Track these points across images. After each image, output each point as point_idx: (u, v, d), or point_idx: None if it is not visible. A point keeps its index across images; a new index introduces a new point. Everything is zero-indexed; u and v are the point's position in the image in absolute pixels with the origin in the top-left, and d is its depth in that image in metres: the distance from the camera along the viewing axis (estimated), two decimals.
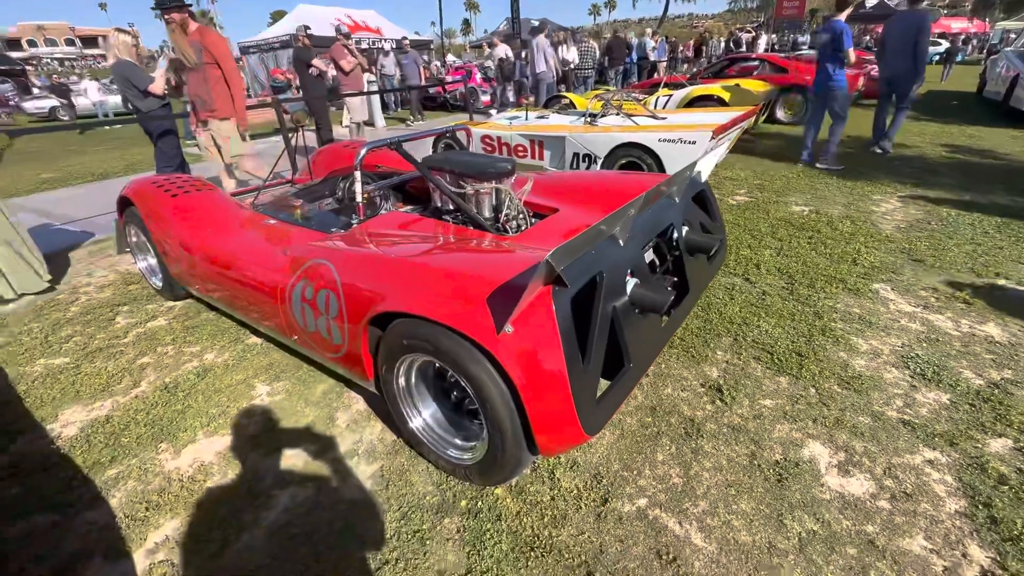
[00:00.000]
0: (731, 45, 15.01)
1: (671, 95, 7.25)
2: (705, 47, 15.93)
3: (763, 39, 16.77)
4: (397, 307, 1.49)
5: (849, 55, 4.86)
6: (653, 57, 13.47)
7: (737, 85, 7.12)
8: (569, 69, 10.71)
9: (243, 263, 2.23)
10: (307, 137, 5.53)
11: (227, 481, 1.73)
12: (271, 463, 1.80)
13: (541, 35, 9.02)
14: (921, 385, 2.03)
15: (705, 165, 2.32)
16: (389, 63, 11.50)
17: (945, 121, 7.86)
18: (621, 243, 1.58)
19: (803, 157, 5.51)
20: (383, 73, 11.31)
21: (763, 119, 7.94)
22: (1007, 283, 2.78)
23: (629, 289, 1.56)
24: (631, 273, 1.60)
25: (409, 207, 2.71)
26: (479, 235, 2.00)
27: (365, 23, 16.47)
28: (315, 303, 1.80)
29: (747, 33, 15.65)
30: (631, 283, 1.58)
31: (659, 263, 2.04)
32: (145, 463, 1.83)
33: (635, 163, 4.41)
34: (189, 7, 3.79)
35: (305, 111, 8.15)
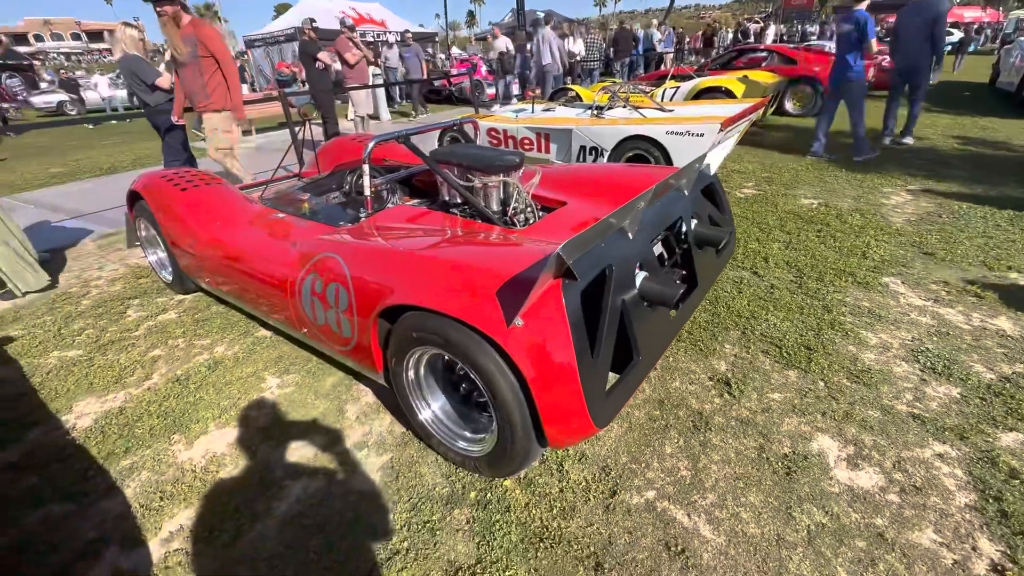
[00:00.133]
0: (739, 36, 14.85)
1: (678, 87, 7.19)
2: (716, 38, 15.61)
3: (772, 29, 16.58)
4: (407, 300, 1.50)
5: (872, 45, 4.77)
6: (660, 48, 13.33)
7: (745, 76, 7.05)
8: (575, 61, 10.62)
9: (252, 257, 2.24)
10: (314, 131, 5.54)
11: (239, 472, 1.76)
12: (282, 454, 1.82)
13: (547, 27, 8.94)
14: (931, 379, 2.02)
15: (714, 158, 2.31)
16: (393, 56, 11.47)
17: (957, 112, 7.74)
18: (630, 236, 1.58)
19: (813, 148, 5.43)
20: (387, 66, 11.27)
21: (771, 111, 7.86)
22: (1019, 276, 2.76)
23: (638, 282, 1.55)
24: (640, 266, 1.60)
25: (415, 201, 2.72)
26: (487, 228, 2.00)
27: (369, 15, 16.39)
28: (324, 296, 1.81)
29: (755, 23, 15.48)
30: (640, 276, 1.58)
31: (668, 256, 2.03)
32: (159, 454, 1.86)
33: (642, 156, 4.39)
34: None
35: (312, 104, 8.14)
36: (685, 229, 1.97)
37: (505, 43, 10.89)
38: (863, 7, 4.74)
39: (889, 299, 2.61)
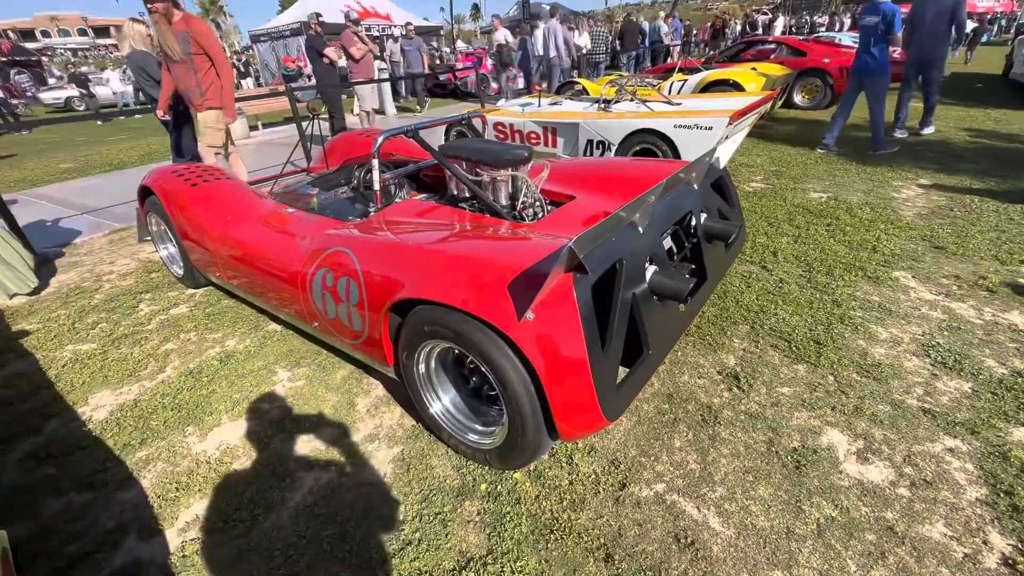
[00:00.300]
0: (747, 27, 14.67)
1: (686, 80, 7.13)
2: (727, 30, 15.36)
3: (780, 21, 16.37)
4: (418, 294, 1.51)
5: (898, 39, 4.71)
6: (668, 41, 13.21)
7: (754, 69, 6.98)
8: (581, 54, 10.55)
9: (263, 251, 2.26)
10: (321, 126, 5.55)
11: (252, 463, 1.78)
12: (294, 446, 1.84)
13: (554, 19, 8.88)
14: (942, 373, 2.01)
15: (724, 152, 2.30)
16: (399, 50, 11.43)
17: (969, 105, 7.63)
18: (640, 230, 1.58)
19: (825, 140, 5.35)
20: (392, 60, 11.24)
21: (780, 104, 7.78)
22: None
23: (648, 276, 1.56)
24: (650, 260, 1.60)
25: (423, 195, 2.72)
26: (496, 223, 2.00)
27: (374, 9, 16.36)
28: (336, 291, 1.82)
29: (764, 15, 15.29)
30: (650, 270, 1.58)
31: (677, 250, 2.03)
32: (174, 445, 1.89)
33: (650, 149, 4.36)
34: None
35: (320, 99, 8.15)
36: (695, 223, 1.97)
37: (504, 35, 10.80)
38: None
39: (899, 293, 2.59)
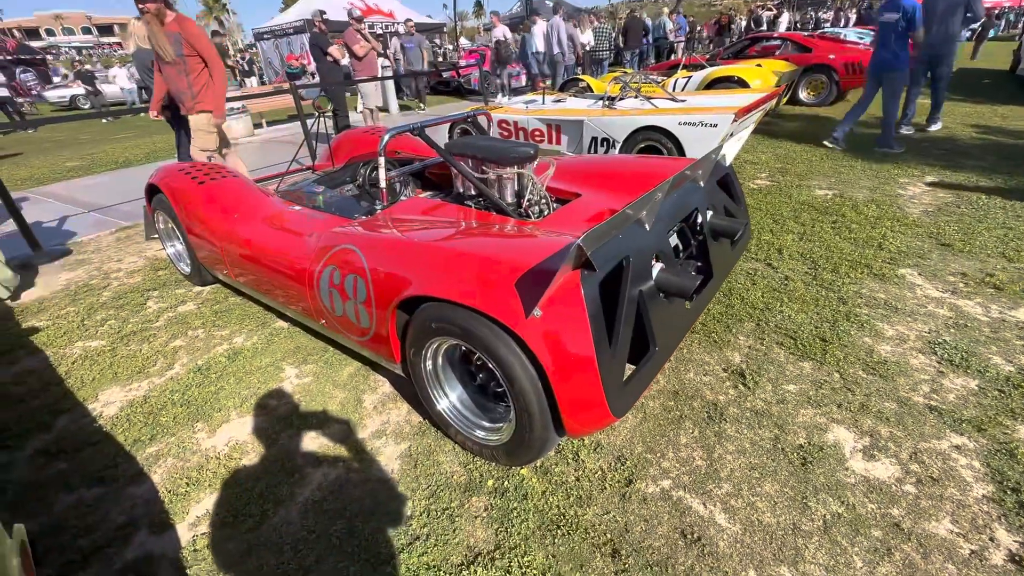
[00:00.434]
0: (752, 24, 14.59)
1: (690, 77, 7.10)
2: (732, 26, 15.21)
3: (785, 17, 16.27)
4: (425, 291, 1.52)
5: (920, 36, 4.66)
6: (672, 37, 13.14)
7: (759, 65, 6.94)
8: (585, 51, 10.51)
9: (270, 249, 2.28)
10: (326, 124, 5.56)
11: (261, 459, 1.80)
12: (302, 442, 1.86)
13: (557, 15, 8.85)
14: (948, 371, 2.01)
15: (730, 149, 2.29)
16: (400, 47, 11.40)
17: (976, 101, 7.57)
18: (647, 228, 1.59)
19: (835, 135, 5.31)
20: (396, 57, 11.23)
21: (785, 101, 7.74)
22: None
23: (655, 274, 1.56)
24: (656, 258, 1.61)
25: (428, 193, 2.73)
26: (502, 220, 2.01)
27: (378, 6, 16.33)
28: (343, 288, 1.83)
29: (768, 11, 15.20)
30: (656, 268, 1.59)
31: (683, 247, 2.03)
32: (183, 441, 1.91)
33: (654, 147, 4.36)
34: None
35: (325, 97, 8.16)
36: (701, 220, 1.97)
37: (503, 32, 10.75)
38: None
39: (906, 291, 2.59)
